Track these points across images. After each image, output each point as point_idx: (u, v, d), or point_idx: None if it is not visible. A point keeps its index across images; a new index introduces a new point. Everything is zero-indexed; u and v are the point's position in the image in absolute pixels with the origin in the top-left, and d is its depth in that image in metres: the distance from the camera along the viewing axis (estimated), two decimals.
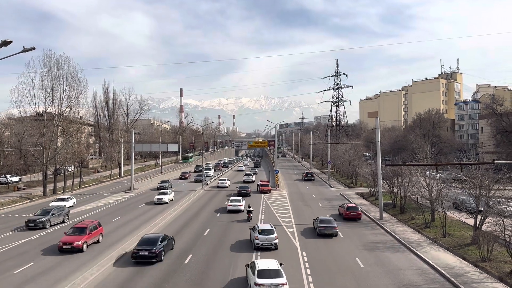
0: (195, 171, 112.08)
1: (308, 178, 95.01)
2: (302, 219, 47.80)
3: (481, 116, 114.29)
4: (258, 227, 35.43)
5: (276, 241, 34.27)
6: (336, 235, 39.85)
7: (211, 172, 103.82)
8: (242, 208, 52.42)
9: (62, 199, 56.53)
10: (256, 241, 33.98)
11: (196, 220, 48.15)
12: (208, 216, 50.45)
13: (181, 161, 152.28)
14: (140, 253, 29.88)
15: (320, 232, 39.77)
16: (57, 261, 30.80)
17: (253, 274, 23.87)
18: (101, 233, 37.17)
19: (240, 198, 56.29)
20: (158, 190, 70.64)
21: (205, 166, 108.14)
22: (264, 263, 25.25)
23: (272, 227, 36.01)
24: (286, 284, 23.28)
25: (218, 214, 51.42)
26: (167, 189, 71.06)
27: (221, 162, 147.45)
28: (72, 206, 56.88)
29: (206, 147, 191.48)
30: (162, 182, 79.47)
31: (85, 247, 33.09)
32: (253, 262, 26.15)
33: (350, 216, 48.30)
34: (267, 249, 34.14)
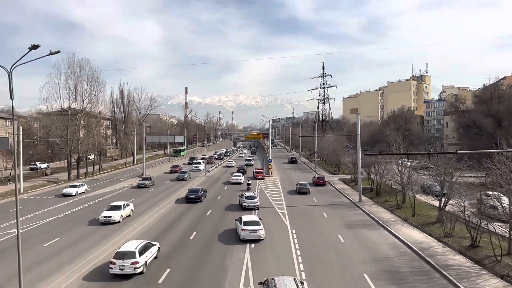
0: (188, 163, 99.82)
1: (292, 161, 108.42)
2: (291, 200, 48.08)
3: (446, 113, 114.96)
4: (245, 194, 44.27)
5: (258, 203, 43.01)
6: (309, 193, 53.89)
7: (201, 166, 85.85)
8: (241, 180, 64.51)
9: (74, 186, 54.83)
10: (244, 204, 42.47)
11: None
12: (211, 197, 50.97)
13: (173, 155, 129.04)
14: (190, 196, 47.53)
15: (299, 191, 55.08)
16: None
17: (240, 224, 30.11)
18: None
19: (240, 174, 69.04)
20: (138, 188, 60.19)
21: (195, 160, 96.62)
22: (248, 217, 31.93)
23: (255, 194, 46.30)
24: (262, 230, 29.62)
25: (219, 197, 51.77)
26: (148, 186, 60.33)
27: (216, 154, 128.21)
28: (84, 192, 55.17)
29: (208, 139, 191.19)
30: (144, 179, 63.74)
31: None
32: (240, 217, 31.86)
33: (319, 183, 63.67)
34: (251, 209, 41.85)
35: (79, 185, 56.00)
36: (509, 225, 25.32)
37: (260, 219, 31.57)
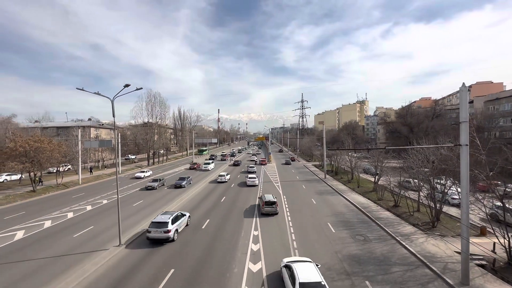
0: (207, 160, 76.04)
1: (280, 151, 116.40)
2: (283, 177, 47.64)
3: (378, 123, 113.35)
4: (250, 165, 59.50)
5: (255, 169, 54.08)
6: (290, 164, 68.59)
7: (210, 167, 58.17)
8: (255, 159, 76.33)
9: (143, 171, 48.62)
10: (249, 170, 52.76)
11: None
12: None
13: (198, 154, 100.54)
14: (235, 164, 64.87)
15: (286, 163, 69.73)
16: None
17: (247, 178, 39.61)
18: None
19: (254, 156, 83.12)
20: (146, 189, 36.07)
21: (205, 160, 70.30)
22: (250, 175, 43.23)
23: (255, 166, 58.53)
24: (257, 180, 39.31)
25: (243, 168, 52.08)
26: (155, 188, 36.46)
27: (229, 152, 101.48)
28: (149, 175, 48.98)
29: (231, 140, 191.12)
30: (153, 181, 38.02)
31: None
32: (247, 175, 43.89)
33: (292, 159, 77.44)
34: (253, 172, 51.97)
35: (146, 171, 49.69)
36: (418, 193, 25.02)
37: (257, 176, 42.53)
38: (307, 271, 12.10)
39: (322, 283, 11.48)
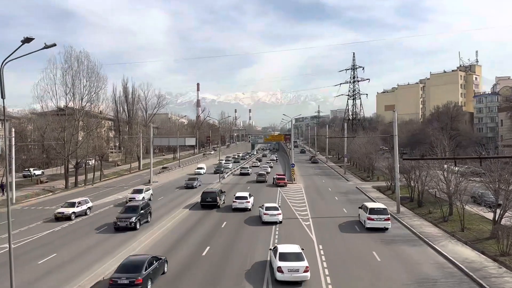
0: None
1: (311, 160, 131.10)
2: (318, 213, 47.36)
3: (501, 109, 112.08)
4: (258, 172, 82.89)
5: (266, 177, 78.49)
6: (317, 162, 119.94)
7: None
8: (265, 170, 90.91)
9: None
10: (258, 177, 79.74)
11: None
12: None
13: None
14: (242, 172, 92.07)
15: (312, 161, 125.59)
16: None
17: (262, 209, 42.50)
18: None
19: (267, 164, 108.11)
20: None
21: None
22: (270, 205, 43.66)
23: (265, 173, 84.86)
24: (281, 215, 41.79)
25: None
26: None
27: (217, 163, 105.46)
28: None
29: (222, 141, 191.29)
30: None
31: None
32: (262, 204, 46.05)
33: (313, 161, 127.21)
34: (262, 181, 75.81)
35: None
36: None
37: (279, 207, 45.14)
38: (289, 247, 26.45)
39: (302, 253, 25.14)
